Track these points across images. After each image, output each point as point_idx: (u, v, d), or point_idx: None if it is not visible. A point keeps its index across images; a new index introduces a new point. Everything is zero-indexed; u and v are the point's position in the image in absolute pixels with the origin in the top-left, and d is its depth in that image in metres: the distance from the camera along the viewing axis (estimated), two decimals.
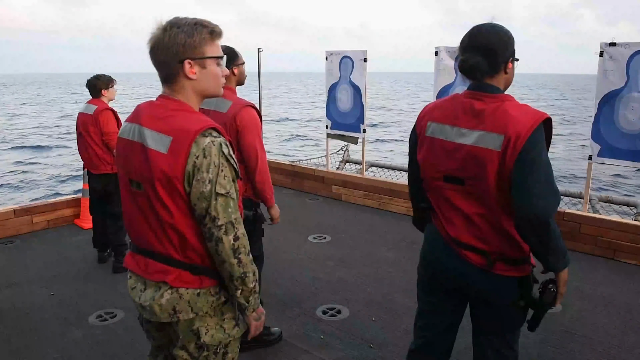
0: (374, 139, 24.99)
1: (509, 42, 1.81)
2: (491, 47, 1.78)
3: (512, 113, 1.73)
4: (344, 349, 3.09)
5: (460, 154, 1.81)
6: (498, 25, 1.83)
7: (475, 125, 1.78)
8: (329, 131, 6.57)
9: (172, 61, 1.56)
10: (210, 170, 1.51)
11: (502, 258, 1.84)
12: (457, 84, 5.28)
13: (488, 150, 1.73)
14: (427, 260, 2.07)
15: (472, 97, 1.83)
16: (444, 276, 2.00)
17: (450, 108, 1.89)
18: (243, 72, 2.92)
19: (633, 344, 3.14)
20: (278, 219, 2.99)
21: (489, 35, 1.79)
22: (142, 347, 3.08)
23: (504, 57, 1.80)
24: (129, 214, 1.68)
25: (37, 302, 3.74)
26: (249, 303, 1.64)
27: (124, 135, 1.67)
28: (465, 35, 1.85)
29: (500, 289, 1.88)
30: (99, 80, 4.33)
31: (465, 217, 1.86)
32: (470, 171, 1.80)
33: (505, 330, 1.96)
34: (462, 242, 1.88)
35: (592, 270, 4.26)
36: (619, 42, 4.34)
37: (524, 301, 1.88)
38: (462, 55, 1.83)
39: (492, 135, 1.73)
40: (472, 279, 1.90)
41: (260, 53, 7.00)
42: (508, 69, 1.83)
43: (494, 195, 1.77)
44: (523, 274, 1.87)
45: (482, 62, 1.77)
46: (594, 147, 4.59)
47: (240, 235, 1.57)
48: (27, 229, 5.24)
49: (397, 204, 5.94)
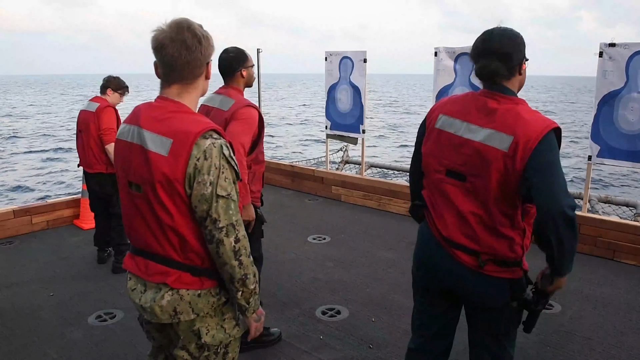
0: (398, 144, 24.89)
1: (521, 44, 1.84)
2: (506, 50, 1.80)
3: (525, 116, 1.74)
4: (344, 350, 3.09)
5: (467, 149, 1.82)
6: (508, 28, 1.85)
7: (485, 123, 1.80)
8: (328, 132, 6.58)
9: (204, 62, 1.63)
10: (211, 172, 1.51)
11: (493, 259, 1.84)
12: (456, 85, 5.28)
13: (494, 149, 1.75)
14: (419, 261, 2.07)
15: (487, 95, 1.85)
16: (435, 277, 2.00)
17: (463, 103, 1.90)
18: (252, 75, 2.92)
19: (633, 344, 3.14)
20: (246, 220, 2.73)
21: (502, 40, 1.81)
22: (142, 347, 3.08)
23: (518, 59, 1.83)
24: (128, 216, 1.68)
25: (36, 302, 3.73)
26: (249, 304, 1.64)
27: (123, 137, 1.66)
28: (477, 41, 1.86)
29: (491, 291, 1.88)
30: (110, 80, 4.40)
31: (459, 214, 1.86)
32: (473, 168, 1.81)
33: (499, 332, 1.96)
34: (453, 241, 1.89)
35: (592, 270, 4.26)
36: (619, 43, 4.34)
37: (517, 302, 1.88)
38: (478, 61, 1.85)
39: (500, 135, 1.74)
40: (463, 280, 1.90)
41: (259, 54, 7.00)
42: (522, 70, 1.86)
43: (493, 195, 1.77)
44: (514, 276, 1.86)
45: (501, 67, 1.80)
46: (593, 147, 4.59)
47: (241, 237, 1.57)
48: (26, 229, 5.24)
49: (396, 205, 5.94)
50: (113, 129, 4.18)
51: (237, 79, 2.86)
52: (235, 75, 2.84)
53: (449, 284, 1.96)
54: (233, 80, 2.86)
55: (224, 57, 2.84)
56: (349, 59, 6.12)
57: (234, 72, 2.83)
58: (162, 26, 1.56)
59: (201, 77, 1.66)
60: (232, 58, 2.83)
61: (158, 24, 1.57)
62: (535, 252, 1.89)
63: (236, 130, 2.63)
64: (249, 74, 2.89)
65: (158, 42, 1.56)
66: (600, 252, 4.53)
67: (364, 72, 6.01)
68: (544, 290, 1.86)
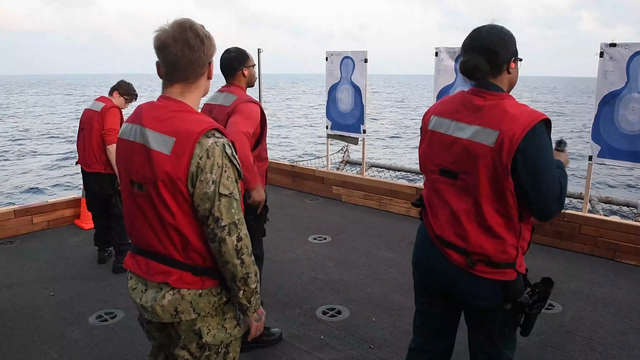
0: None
1: (510, 42, 1.83)
2: (492, 47, 1.79)
3: (510, 111, 1.74)
4: (344, 350, 3.09)
5: (456, 147, 1.83)
6: (498, 26, 1.84)
7: (473, 120, 1.80)
8: (329, 131, 6.57)
9: (206, 61, 1.63)
10: (213, 171, 1.51)
11: (483, 260, 1.83)
12: (457, 85, 5.28)
13: (481, 145, 1.75)
14: (417, 261, 2.08)
15: (474, 93, 1.85)
16: (432, 277, 2.00)
17: (452, 103, 1.92)
18: (254, 75, 2.95)
19: (633, 344, 3.14)
20: (258, 201, 2.72)
21: (490, 36, 1.81)
22: (142, 347, 3.08)
23: (505, 57, 1.81)
24: (130, 215, 1.68)
25: (37, 302, 3.74)
26: (250, 304, 1.64)
27: (125, 136, 1.66)
28: (466, 38, 1.87)
29: (482, 292, 1.87)
30: (121, 85, 4.41)
31: (451, 213, 1.86)
32: (463, 165, 1.82)
33: (493, 333, 1.95)
34: (445, 240, 1.89)
35: (592, 270, 4.26)
36: (619, 43, 4.34)
37: (511, 304, 1.86)
38: (463, 56, 1.85)
39: (487, 131, 1.75)
40: (456, 280, 1.90)
41: (260, 53, 7.00)
42: (511, 68, 1.84)
43: (484, 192, 1.77)
44: (507, 278, 1.84)
45: (483, 62, 1.79)
46: (593, 147, 4.58)
47: (243, 236, 1.57)
48: (27, 229, 5.24)
49: (397, 205, 5.94)
50: (116, 130, 4.17)
51: (239, 78, 2.90)
52: (237, 74, 2.88)
53: (444, 285, 1.97)
54: (235, 79, 2.90)
55: (226, 57, 2.87)
56: (350, 59, 6.12)
57: (235, 71, 2.87)
58: (165, 26, 1.56)
59: (203, 76, 1.66)
60: (234, 58, 2.87)
61: (160, 24, 1.58)
62: (534, 252, 1.88)
63: (237, 120, 2.65)
64: (251, 74, 2.92)
65: (161, 42, 1.56)
66: (601, 252, 4.53)
67: (365, 72, 6.01)
68: (542, 292, 1.86)
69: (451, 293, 1.97)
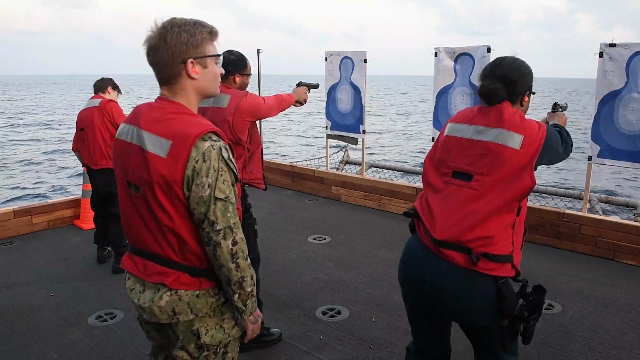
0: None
1: (528, 76, 1.96)
2: (511, 77, 1.92)
3: (528, 120, 1.89)
4: (344, 350, 3.08)
5: (476, 150, 1.89)
6: (520, 59, 1.97)
7: (492, 124, 1.89)
8: (328, 132, 6.58)
9: (175, 61, 1.55)
10: (209, 175, 1.50)
11: (485, 253, 1.82)
12: (456, 85, 5.29)
13: (507, 147, 1.83)
14: (403, 278, 2.06)
15: (491, 107, 1.96)
16: (420, 292, 1.98)
17: (469, 112, 2.02)
18: (245, 84, 2.94)
19: (633, 345, 3.14)
20: (304, 99, 3.21)
21: (511, 67, 1.94)
22: (142, 347, 3.08)
23: (521, 89, 1.94)
24: (127, 216, 1.68)
25: (36, 302, 3.74)
26: (246, 307, 1.64)
27: (122, 137, 1.65)
28: (488, 64, 2.00)
29: (477, 299, 1.85)
30: (105, 80, 4.45)
31: (459, 214, 1.86)
32: (482, 166, 1.86)
33: (496, 348, 1.93)
34: (446, 242, 1.86)
35: (592, 270, 4.26)
36: (619, 43, 4.33)
37: (507, 321, 1.86)
38: (482, 81, 1.96)
39: (511, 134, 1.84)
40: (449, 287, 1.86)
41: (259, 54, 7.00)
42: (524, 101, 1.98)
43: (497, 192, 1.81)
44: (505, 275, 1.84)
45: (501, 89, 1.89)
46: (593, 147, 4.58)
47: (238, 240, 1.56)
48: (26, 229, 5.24)
49: (396, 205, 5.94)
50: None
51: (229, 81, 2.87)
52: (228, 77, 2.86)
53: (432, 299, 1.94)
54: (225, 81, 2.85)
55: (225, 57, 2.85)
56: (350, 59, 6.13)
57: (228, 74, 2.84)
58: (152, 28, 1.57)
59: (180, 76, 1.58)
60: (231, 60, 2.85)
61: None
62: (535, 252, 1.88)
63: (262, 109, 2.89)
64: (242, 82, 2.91)
65: (146, 43, 1.58)
66: (601, 253, 4.53)
67: (365, 72, 6.01)
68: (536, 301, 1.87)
69: (441, 309, 1.95)
